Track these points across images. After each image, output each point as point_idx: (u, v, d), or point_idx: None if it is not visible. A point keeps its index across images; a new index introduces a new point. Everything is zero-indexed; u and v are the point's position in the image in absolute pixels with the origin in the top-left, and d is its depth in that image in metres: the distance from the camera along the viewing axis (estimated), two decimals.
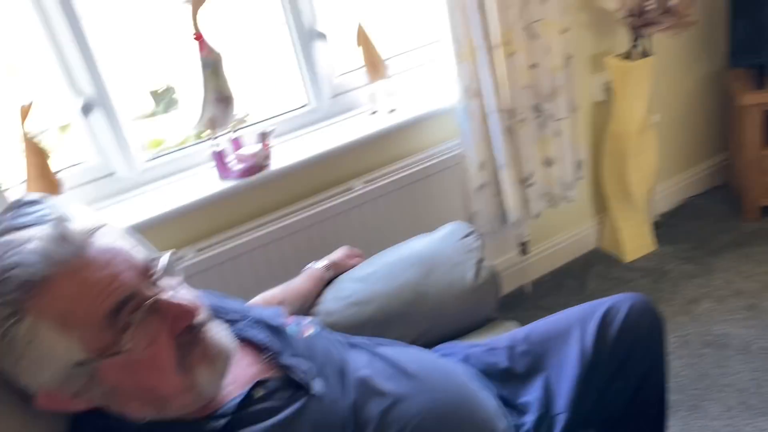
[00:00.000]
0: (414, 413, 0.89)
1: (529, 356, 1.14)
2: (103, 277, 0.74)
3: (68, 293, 0.72)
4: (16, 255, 0.73)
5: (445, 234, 1.46)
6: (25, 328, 0.71)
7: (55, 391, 0.75)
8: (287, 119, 1.89)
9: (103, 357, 0.73)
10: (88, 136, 1.64)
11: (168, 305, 0.77)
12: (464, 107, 1.78)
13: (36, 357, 0.72)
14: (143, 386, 0.77)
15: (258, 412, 0.82)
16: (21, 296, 0.71)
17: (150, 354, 0.75)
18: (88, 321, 0.72)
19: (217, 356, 0.81)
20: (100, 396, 0.76)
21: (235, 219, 1.71)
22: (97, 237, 0.77)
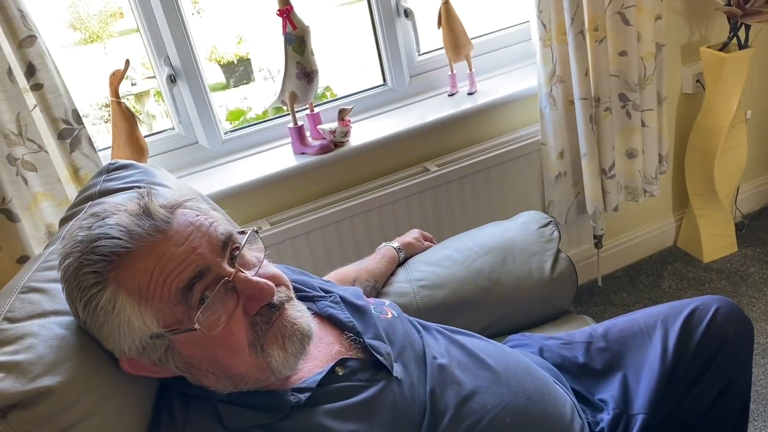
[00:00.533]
0: (491, 406, 0.87)
1: (607, 353, 1.10)
2: (179, 253, 0.74)
3: (146, 267, 0.73)
4: (103, 227, 0.75)
5: (522, 222, 1.43)
6: (107, 298, 0.73)
7: (136, 359, 0.77)
8: (365, 97, 1.88)
9: (176, 332, 0.75)
10: (173, 105, 1.68)
11: (245, 284, 0.76)
12: (547, 93, 1.73)
13: (116, 326, 0.74)
14: (217, 362, 0.77)
15: (339, 389, 0.82)
16: (105, 267, 0.73)
17: (224, 332, 0.75)
18: (161, 296, 0.73)
19: (292, 338, 0.79)
20: (177, 367, 0.78)
21: (310, 194, 1.72)
22: (179, 212, 0.78)
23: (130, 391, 0.79)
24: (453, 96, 1.87)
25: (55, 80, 1.31)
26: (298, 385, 0.82)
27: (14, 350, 0.72)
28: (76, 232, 0.77)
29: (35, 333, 0.74)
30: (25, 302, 0.79)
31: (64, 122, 1.33)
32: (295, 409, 0.79)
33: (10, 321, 0.76)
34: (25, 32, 1.25)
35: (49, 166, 1.33)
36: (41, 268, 0.87)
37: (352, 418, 0.79)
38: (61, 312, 0.79)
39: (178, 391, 0.81)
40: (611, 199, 1.86)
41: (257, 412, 0.78)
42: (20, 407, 0.69)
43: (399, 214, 1.74)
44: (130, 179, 1.09)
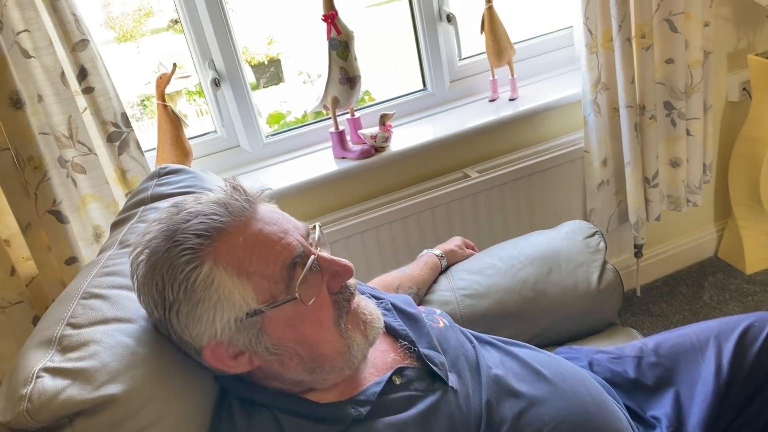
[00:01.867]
0: (548, 419, 0.86)
1: (658, 369, 1.08)
2: (276, 231, 0.77)
3: (245, 243, 0.75)
4: (195, 207, 0.77)
5: (567, 232, 1.41)
6: (205, 273, 0.74)
7: (222, 346, 0.77)
8: (404, 102, 1.88)
9: (272, 307, 0.76)
10: (216, 108, 1.69)
11: (330, 262, 0.80)
12: (592, 100, 1.71)
13: (214, 302, 0.74)
14: (305, 341, 0.78)
15: (398, 400, 0.82)
16: (200, 244, 0.75)
17: (314, 308, 0.77)
18: (264, 271, 0.75)
19: (370, 322, 0.83)
20: (265, 351, 0.78)
21: (350, 199, 1.72)
22: (262, 200, 0.82)
23: (191, 399, 0.80)
24: (494, 102, 1.85)
25: (106, 84, 1.33)
26: (357, 397, 0.81)
27: (79, 357, 0.72)
28: (155, 223, 0.79)
29: (98, 340, 0.75)
30: (87, 308, 0.80)
31: (113, 125, 1.35)
32: (356, 421, 0.79)
33: (73, 327, 0.77)
34: (78, 36, 1.27)
35: (97, 168, 1.35)
36: (100, 273, 0.87)
37: (411, 429, 0.79)
38: (123, 319, 0.79)
39: (239, 396, 0.82)
40: (654, 208, 1.83)
41: (318, 423, 0.78)
42: (85, 415, 0.69)
43: (438, 221, 1.72)
44: (181, 184, 1.10)
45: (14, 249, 1.38)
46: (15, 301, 1.35)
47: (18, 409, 0.67)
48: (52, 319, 0.80)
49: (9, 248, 1.36)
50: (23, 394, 0.68)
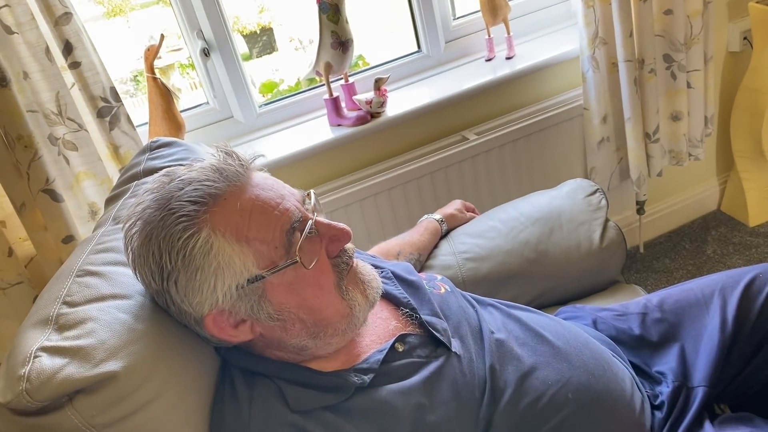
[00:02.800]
0: (552, 382, 0.85)
1: (663, 324, 1.08)
2: (272, 197, 0.76)
3: (242, 208, 0.74)
4: (188, 175, 0.75)
5: (568, 191, 1.40)
6: (203, 239, 0.72)
7: (224, 314, 0.76)
8: (399, 65, 1.84)
9: (273, 272, 0.75)
10: (207, 79, 1.66)
11: (327, 226, 0.79)
12: (590, 56, 1.68)
13: (213, 269, 0.73)
14: (307, 305, 0.78)
15: (401, 367, 0.81)
16: (196, 210, 0.73)
17: (314, 272, 0.77)
18: (264, 237, 0.74)
19: (369, 283, 0.83)
20: (267, 317, 0.77)
21: (347, 167, 1.70)
22: (256, 165, 0.80)
23: (193, 372, 0.79)
24: (490, 61, 1.82)
25: (92, 58, 1.30)
26: (360, 365, 0.81)
27: (76, 335, 0.71)
28: (146, 194, 0.77)
29: (95, 317, 0.74)
30: (82, 286, 0.78)
31: (102, 100, 1.32)
32: (359, 389, 0.78)
33: (69, 305, 0.76)
34: (61, 9, 1.24)
35: (89, 144, 1.33)
36: (94, 250, 0.86)
37: (415, 395, 0.78)
38: (119, 296, 0.78)
39: (240, 367, 0.81)
40: (655, 164, 1.81)
41: (322, 392, 0.77)
42: (86, 392, 0.69)
43: (438, 185, 1.71)
44: (173, 157, 1.08)
45: (10, 230, 1.36)
46: (15, 282, 1.34)
47: (17, 390, 0.67)
48: (48, 299, 0.78)
49: (5, 229, 1.35)
50: (22, 374, 0.67)
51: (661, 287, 1.94)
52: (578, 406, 0.85)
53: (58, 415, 0.68)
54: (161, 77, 1.51)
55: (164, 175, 0.78)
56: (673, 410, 0.96)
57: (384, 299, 0.91)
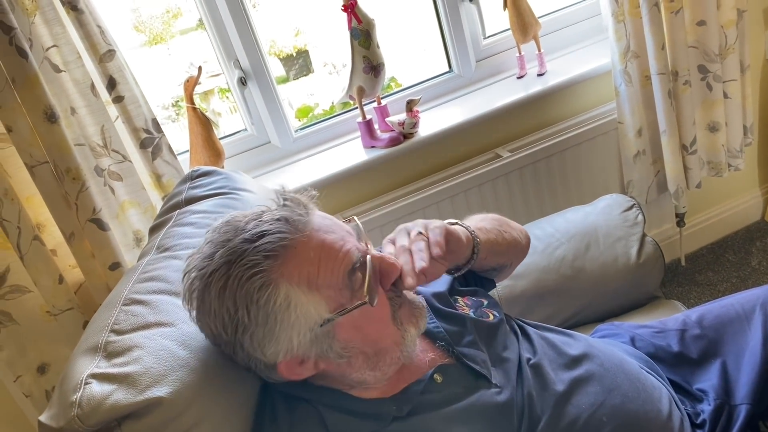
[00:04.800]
0: (587, 405, 0.85)
1: (703, 341, 1.06)
2: (335, 240, 0.77)
3: (312, 257, 0.75)
4: (260, 226, 0.76)
5: (604, 206, 1.39)
6: (283, 295, 0.74)
7: (295, 357, 0.78)
8: (431, 86, 1.87)
9: (344, 313, 0.76)
10: (245, 106, 1.71)
11: (380, 261, 0.79)
12: (622, 70, 1.67)
13: (292, 321, 0.75)
14: (369, 339, 0.79)
15: (439, 398, 0.82)
16: (270, 264, 0.74)
17: (377, 308, 0.78)
18: (331, 281, 0.76)
19: (420, 314, 0.84)
20: (334, 357, 0.79)
21: (382, 188, 1.72)
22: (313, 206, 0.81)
23: (234, 397, 0.82)
24: (522, 78, 1.83)
25: (135, 91, 1.35)
26: (399, 395, 0.82)
27: (123, 362, 0.75)
28: (213, 247, 0.76)
29: (141, 345, 0.77)
30: (128, 314, 0.82)
31: (145, 131, 1.38)
32: (397, 419, 0.79)
33: (117, 333, 0.79)
34: (104, 47, 1.30)
35: (133, 174, 1.38)
36: (140, 279, 0.90)
37: (453, 426, 0.79)
38: (163, 323, 0.81)
39: (282, 392, 0.83)
40: (694, 175, 1.78)
41: (361, 419, 0.79)
42: (133, 417, 0.72)
43: (472, 203, 1.71)
44: (214, 186, 1.12)
45: (61, 258, 1.42)
46: (65, 308, 1.40)
47: (69, 415, 0.70)
48: (97, 327, 0.82)
49: (56, 257, 1.41)
50: (73, 400, 0.71)
51: (704, 301, 1.91)
52: (613, 428, 0.84)
53: None
54: (201, 103, 1.56)
55: (226, 225, 0.78)
56: (716, 428, 0.95)
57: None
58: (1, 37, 1.17)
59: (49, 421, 0.73)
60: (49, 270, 1.36)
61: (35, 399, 1.45)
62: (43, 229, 1.39)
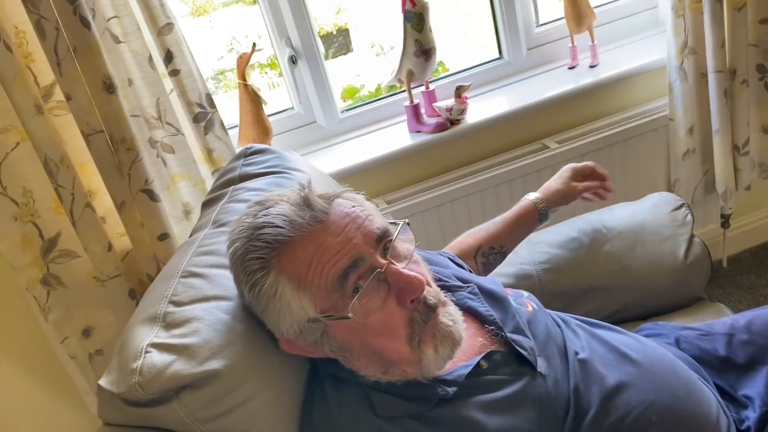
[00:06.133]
0: (636, 403, 0.85)
1: (751, 347, 1.04)
2: (336, 243, 0.76)
3: (305, 255, 0.76)
4: (267, 216, 0.78)
5: (652, 204, 1.37)
6: (270, 283, 0.76)
7: (293, 340, 0.81)
8: (480, 72, 1.85)
9: (330, 318, 0.77)
10: (294, 85, 1.71)
11: (396, 276, 0.77)
12: (678, 66, 1.64)
13: (277, 309, 0.77)
14: (369, 347, 0.79)
15: (485, 382, 0.82)
16: (268, 253, 0.76)
17: (377, 321, 0.76)
18: (318, 283, 0.76)
19: (444, 342, 0.79)
20: (331, 350, 0.80)
21: (426, 173, 1.72)
22: (336, 203, 0.80)
23: (286, 374, 0.83)
24: (573, 69, 1.80)
25: (190, 65, 1.37)
26: (445, 377, 0.82)
27: (183, 333, 0.77)
28: (243, 219, 0.81)
29: (200, 317, 0.79)
30: (187, 287, 0.84)
31: (198, 106, 1.39)
32: (442, 401, 0.80)
33: (176, 304, 0.81)
34: (163, 20, 1.31)
35: (185, 148, 1.40)
36: (197, 253, 0.91)
37: (498, 412, 0.79)
38: (221, 297, 0.83)
39: (330, 374, 0.84)
40: (744, 177, 1.75)
41: (406, 401, 0.80)
42: (191, 388, 0.74)
43: (516, 194, 1.70)
44: (266, 164, 1.12)
45: (110, 226, 1.45)
46: (112, 275, 1.43)
47: (130, 382, 0.72)
48: (154, 297, 0.84)
49: (105, 225, 1.44)
50: (134, 368, 0.73)
51: (744, 304, 1.88)
52: (663, 429, 0.84)
53: (165, 408, 0.74)
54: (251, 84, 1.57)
55: (257, 204, 0.82)
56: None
57: (470, 315, 0.91)
58: (66, 6, 1.19)
59: (110, 386, 0.75)
60: (98, 237, 1.39)
61: (79, 361, 1.50)
62: (94, 196, 1.41)
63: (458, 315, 0.83)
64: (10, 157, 1.30)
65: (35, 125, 1.26)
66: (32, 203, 1.34)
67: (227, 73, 2.39)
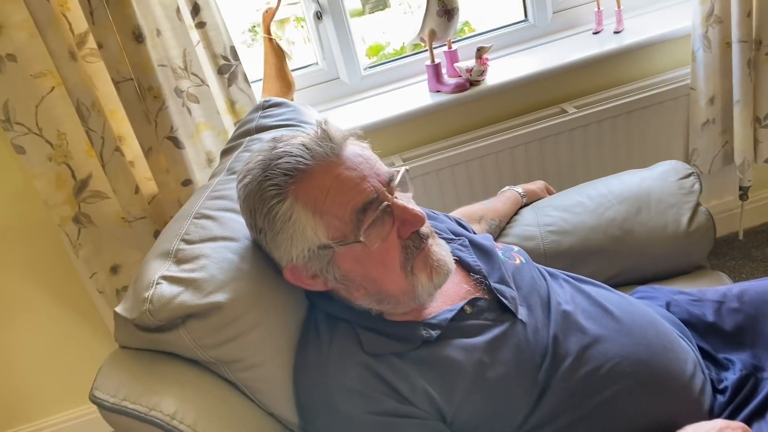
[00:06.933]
0: (612, 355, 0.90)
1: (739, 315, 1.07)
2: (353, 177, 0.83)
3: (323, 184, 0.82)
4: (286, 146, 0.85)
5: (661, 172, 1.39)
6: (286, 208, 0.83)
7: (299, 268, 0.87)
8: (504, 34, 1.86)
9: (341, 244, 0.84)
10: (318, 41, 1.75)
11: (401, 210, 0.85)
12: (702, 34, 1.63)
13: (290, 233, 0.84)
14: (370, 278, 0.86)
15: (468, 327, 0.89)
16: (286, 181, 0.83)
17: (380, 250, 0.84)
18: (336, 212, 0.82)
19: (437, 268, 0.87)
20: (333, 279, 0.87)
21: (443, 132, 1.76)
22: (349, 143, 0.87)
23: (285, 312, 0.91)
24: (598, 34, 1.80)
25: (216, 18, 1.42)
26: (430, 320, 0.89)
27: (191, 268, 0.84)
28: (256, 156, 0.87)
29: (208, 255, 0.86)
30: (198, 227, 0.91)
31: (223, 58, 1.45)
32: (426, 342, 0.86)
33: (187, 242, 0.88)
34: None
35: (209, 99, 1.46)
36: (210, 197, 0.98)
37: (477, 353, 0.85)
38: (228, 238, 0.90)
39: (325, 311, 0.91)
40: (763, 149, 1.74)
41: (392, 340, 0.86)
42: (196, 317, 0.81)
43: (532, 156, 1.73)
44: (282, 117, 1.18)
45: (138, 170, 1.53)
46: (139, 216, 1.52)
47: (141, 309, 0.80)
48: (169, 235, 0.92)
49: (134, 169, 1.52)
50: (146, 296, 0.81)
51: (757, 276, 1.89)
52: (635, 381, 0.89)
53: (172, 334, 0.82)
54: (277, 30, 1.61)
55: (273, 140, 0.88)
56: (737, 397, 0.98)
57: (458, 265, 0.98)
58: None
59: (124, 312, 0.83)
60: (126, 179, 1.47)
61: (107, 296, 1.60)
62: (123, 141, 1.49)
63: (447, 249, 0.91)
64: (45, 101, 1.38)
65: (69, 71, 1.34)
66: (66, 145, 1.43)
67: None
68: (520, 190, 1.41)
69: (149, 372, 0.82)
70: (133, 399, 0.77)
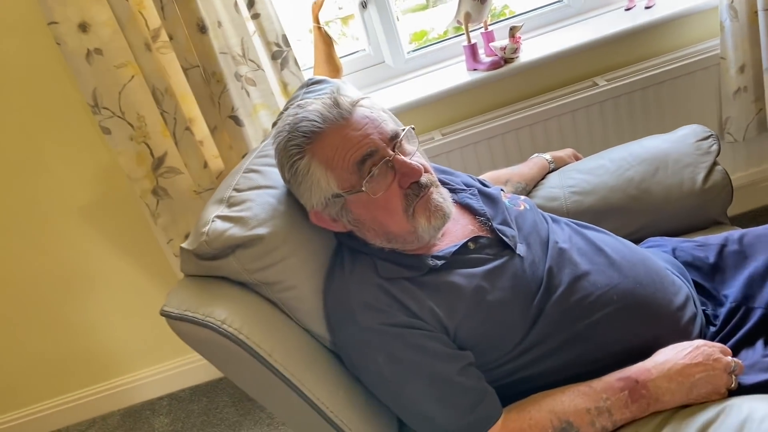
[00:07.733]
0: (601, 285, 1.01)
1: (739, 255, 1.15)
2: (356, 135, 1.00)
3: (332, 143, 1.00)
4: (304, 113, 1.03)
5: (681, 135, 1.47)
6: (304, 163, 1.01)
7: (320, 213, 1.05)
8: (539, 14, 1.96)
9: (349, 193, 1.00)
10: (364, 27, 1.91)
11: (401, 163, 1.00)
12: (728, 4, 1.68)
13: (309, 184, 1.02)
14: (377, 221, 1.02)
15: (470, 259, 1.03)
16: (304, 141, 1.01)
17: (384, 198, 0.99)
18: (342, 165, 0.99)
19: (435, 211, 1.02)
20: (348, 222, 1.04)
21: (479, 108, 1.88)
22: (358, 107, 1.03)
23: (315, 244, 1.09)
24: (630, 10, 1.88)
25: (269, 10, 1.60)
26: (437, 253, 1.04)
27: (239, 209, 1.03)
28: (286, 118, 1.06)
29: (252, 199, 1.05)
30: (246, 179, 1.10)
31: (275, 45, 1.63)
32: (432, 270, 1.02)
33: (237, 191, 1.08)
34: None
35: (264, 82, 1.65)
36: (258, 155, 1.18)
37: (477, 279, 1.00)
38: (269, 186, 1.09)
39: (349, 247, 1.08)
40: None
41: (403, 267, 1.02)
42: (243, 247, 1.00)
43: (564, 129, 1.83)
44: (322, 92, 1.35)
45: (206, 148, 1.74)
46: (208, 188, 1.73)
47: (200, 240, 0.99)
48: (224, 185, 1.11)
49: (203, 147, 1.73)
50: (203, 231, 1.00)
51: None
52: (621, 306, 1.00)
53: (224, 261, 1.01)
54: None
55: (297, 106, 1.06)
56: (726, 327, 1.07)
57: (467, 210, 1.13)
58: None
59: (187, 246, 1.03)
60: (196, 156, 1.68)
61: None
62: (193, 123, 1.70)
63: (448, 196, 1.06)
64: (126, 88, 1.60)
65: (145, 61, 1.56)
66: (144, 126, 1.65)
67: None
68: (547, 157, 1.53)
69: (206, 291, 1.01)
70: (192, 309, 0.96)
